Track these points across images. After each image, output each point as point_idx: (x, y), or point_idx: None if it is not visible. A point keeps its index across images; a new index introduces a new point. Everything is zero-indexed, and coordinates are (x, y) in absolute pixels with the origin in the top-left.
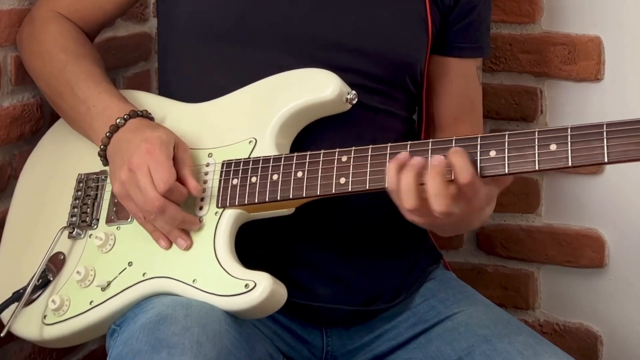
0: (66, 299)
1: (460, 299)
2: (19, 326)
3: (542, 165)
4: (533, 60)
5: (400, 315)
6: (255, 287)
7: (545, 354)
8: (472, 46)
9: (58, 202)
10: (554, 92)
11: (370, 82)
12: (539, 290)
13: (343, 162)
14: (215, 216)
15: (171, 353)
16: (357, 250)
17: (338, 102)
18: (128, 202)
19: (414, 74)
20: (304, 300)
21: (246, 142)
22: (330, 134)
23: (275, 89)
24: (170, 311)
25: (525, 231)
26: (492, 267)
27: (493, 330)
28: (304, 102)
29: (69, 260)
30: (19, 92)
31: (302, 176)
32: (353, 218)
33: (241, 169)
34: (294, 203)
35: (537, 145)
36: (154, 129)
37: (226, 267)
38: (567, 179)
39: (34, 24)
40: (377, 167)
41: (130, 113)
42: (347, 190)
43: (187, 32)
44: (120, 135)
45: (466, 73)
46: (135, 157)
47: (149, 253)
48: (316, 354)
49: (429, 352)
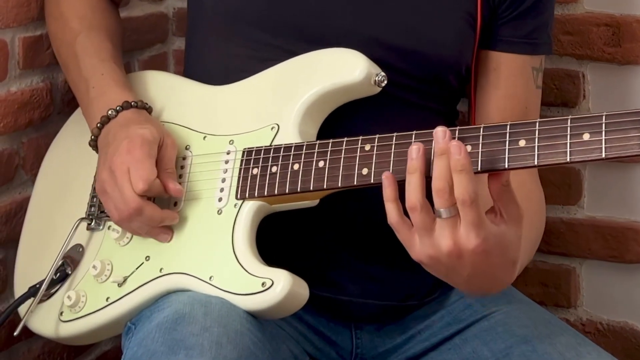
0: (82, 295)
1: (498, 297)
2: (36, 322)
3: (574, 156)
4: (575, 42)
5: (435, 314)
6: (272, 286)
7: (589, 355)
8: (525, 41)
9: (79, 192)
10: (597, 76)
11: (407, 80)
12: (582, 287)
13: (366, 151)
14: (234, 208)
15: (189, 355)
16: (388, 246)
17: (366, 85)
18: (106, 200)
19: (458, 71)
20: (332, 295)
21: (268, 129)
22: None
23: (299, 71)
24: (188, 309)
25: (567, 224)
26: (532, 263)
27: (533, 330)
28: (329, 85)
29: (87, 253)
30: (28, 76)
31: (324, 166)
32: (384, 212)
33: (262, 157)
34: (317, 194)
35: (569, 135)
36: (141, 126)
37: (244, 263)
38: (612, 168)
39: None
40: (402, 157)
41: (124, 104)
42: (369, 182)
43: (215, 13)
44: (109, 127)
45: (518, 72)
46: (116, 156)
47: (167, 247)
48: (345, 356)
49: (464, 354)
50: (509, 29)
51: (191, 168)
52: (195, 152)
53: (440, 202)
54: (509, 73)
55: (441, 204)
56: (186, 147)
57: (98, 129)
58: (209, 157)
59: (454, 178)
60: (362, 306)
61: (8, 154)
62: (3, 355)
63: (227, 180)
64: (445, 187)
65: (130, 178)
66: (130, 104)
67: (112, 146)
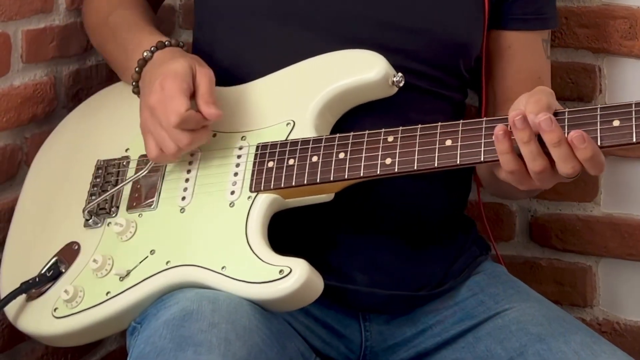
0: (80, 290)
1: (511, 294)
2: (26, 321)
3: (605, 141)
4: (591, 35)
5: (446, 309)
6: (290, 273)
7: (604, 354)
8: (536, 17)
9: (74, 189)
10: (614, 70)
11: (419, 65)
12: (598, 286)
13: (389, 142)
14: (248, 201)
15: (197, 351)
16: (398, 236)
17: (383, 85)
18: (148, 139)
19: (469, 57)
20: (339, 283)
21: (283, 125)
22: (373, 118)
23: (316, 70)
24: (196, 306)
25: (583, 221)
26: (546, 261)
27: (547, 328)
28: (346, 84)
29: (83, 250)
30: (31, 70)
31: (345, 157)
32: (394, 203)
33: (278, 151)
34: (334, 187)
35: (599, 122)
36: (173, 61)
37: (258, 253)
38: (629, 164)
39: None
40: (427, 147)
41: (158, 44)
42: (392, 171)
43: (222, 5)
44: (147, 70)
45: (531, 47)
46: (153, 94)
47: (173, 241)
48: (354, 350)
49: (478, 352)
50: (519, 7)
51: (200, 164)
52: (204, 148)
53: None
54: (523, 49)
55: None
56: None
57: (137, 74)
58: (220, 152)
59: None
60: (370, 295)
61: (11, 150)
62: (6, 355)
63: (239, 174)
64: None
65: (166, 112)
66: (164, 43)
67: (148, 86)
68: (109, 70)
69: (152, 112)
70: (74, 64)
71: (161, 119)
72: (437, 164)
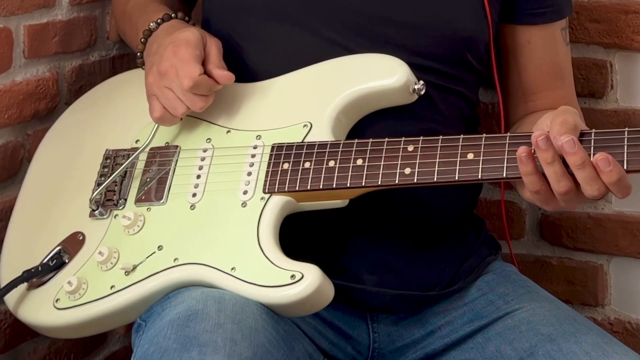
0: (84, 282)
1: (521, 294)
2: (26, 310)
3: (631, 166)
4: (603, 30)
5: (455, 310)
6: (302, 279)
7: (616, 354)
8: (552, 9)
9: (80, 178)
10: (626, 66)
11: (423, 60)
12: (609, 285)
13: (409, 151)
14: (260, 202)
15: (202, 352)
16: (407, 236)
17: (404, 92)
18: (154, 102)
19: (476, 49)
20: (346, 282)
21: (300, 126)
22: (381, 111)
23: (336, 72)
24: (201, 306)
25: (594, 219)
26: (557, 260)
27: (558, 328)
28: (366, 88)
29: (88, 241)
30: (33, 66)
31: (362, 164)
32: (403, 203)
33: (293, 152)
34: (350, 193)
35: (626, 145)
36: (184, 30)
37: (270, 256)
38: None
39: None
40: (448, 159)
41: (164, 16)
42: (412, 182)
43: (221, 5)
44: (153, 39)
45: (551, 39)
46: (164, 60)
47: (183, 237)
48: (362, 352)
49: (487, 353)
50: (533, 1)
51: (212, 160)
52: (218, 145)
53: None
54: (543, 43)
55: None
56: (207, 139)
57: (142, 44)
58: (233, 150)
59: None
60: (377, 295)
61: (13, 147)
62: (8, 355)
63: (253, 174)
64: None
65: (178, 77)
66: (170, 15)
67: (157, 54)
68: (112, 66)
69: (163, 77)
70: (76, 60)
71: (173, 83)
72: (457, 177)
